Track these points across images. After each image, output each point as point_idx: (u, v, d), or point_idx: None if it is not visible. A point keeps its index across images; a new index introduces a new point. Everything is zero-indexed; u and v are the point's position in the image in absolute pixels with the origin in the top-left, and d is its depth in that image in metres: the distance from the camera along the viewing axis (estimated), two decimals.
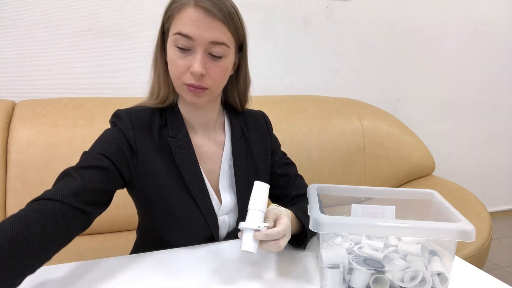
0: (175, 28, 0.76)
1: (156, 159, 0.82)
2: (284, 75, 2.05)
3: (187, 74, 0.77)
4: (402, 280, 0.69)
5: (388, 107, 2.27)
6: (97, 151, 0.78)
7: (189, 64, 0.76)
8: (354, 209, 0.80)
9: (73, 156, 1.46)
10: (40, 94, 1.64)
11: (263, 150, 0.97)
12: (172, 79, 0.81)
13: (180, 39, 0.75)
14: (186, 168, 0.83)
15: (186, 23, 0.75)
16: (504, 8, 2.41)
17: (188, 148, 0.85)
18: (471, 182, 2.46)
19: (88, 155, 0.77)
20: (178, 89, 0.81)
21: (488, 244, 1.50)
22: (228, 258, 0.81)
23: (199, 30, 0.74)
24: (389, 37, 2.21)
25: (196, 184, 0.84)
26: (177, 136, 0.84)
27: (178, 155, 0.83)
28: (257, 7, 1.91)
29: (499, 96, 2.57)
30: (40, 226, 0.63)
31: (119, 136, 0.80)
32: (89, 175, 0.73)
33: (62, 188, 0.70)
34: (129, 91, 1.75)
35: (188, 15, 0.75)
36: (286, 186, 0.97)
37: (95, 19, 1.67)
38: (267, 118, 1.03)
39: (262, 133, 0.98)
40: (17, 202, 1.39)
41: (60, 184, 0.71)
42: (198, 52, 0.76)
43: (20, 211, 0.65)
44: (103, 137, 0.81)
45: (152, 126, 0.84)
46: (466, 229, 0.65)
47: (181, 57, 0.77)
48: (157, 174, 0.82)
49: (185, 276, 0.74)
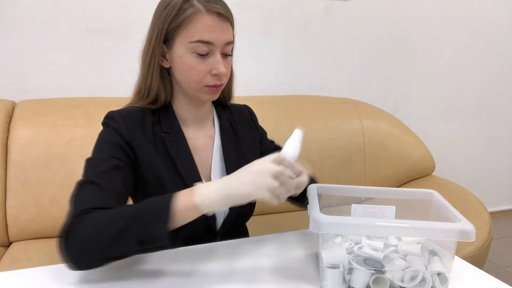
0: (192, 36, 0.78)
1: (152, 153, 0.84)
2: (284, 75, 2.05)
3: (207, 76, 0.81)
4: (402, 280, 0.69)
5: (388, 107, 2.27)
6: (104, 154, 0.79)
7: (209, 68, 0.81)
8: (354, 209, 0.80)
9: (73, 156, 1.48)
10: (40, 94, 1.64)
11: (252, 140, 1.00)
12: (191, 83, 0.83)
13: (200, 46, 0.79)
14: (181, 161, 0.86)
15: (205, 30, 0.78)
16: (504, 8, 2.41)
17: (182, 142, 0.87)
18: (471, 182, 2.45)
19: (97, 160, 0.79)
20: (195, 91, 0.84)
21: (488, 244, 1.50)
22: (227, 257, 0.81)
23: (217, 34, 0.79)
24: (389, 37, 2.21)
25: (191, 177, 0.86)
26: (171, 132, 0.87)
27: (173, 149, 0.86)
28: (257, 7, 1.91)
29: (499, 96, 2.57)
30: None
31: (115, 135, 0.82)
32: (112, 178, 0.76)
33: (99, 196, 0.72)
34: (129, 91, 1.71)
35: (204, 22, 0.78)
36: None
37: (95, 19, 1.67)
38: (251, 110, 1.06)
39: (248, 125, 1.02)
40: (17, 202, 1.39)
41: (92, 193, 0.73)
42: (217, 55, 0.81)
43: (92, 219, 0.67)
44: (102, 140, 0.82)
45: (144, 123, 0.86)
46: (466, 229, 0.65)
47: (200, 62, 0.80)
48: (154, 168, 0.84)
49: (184, 275, 0.74)
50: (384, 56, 2.22)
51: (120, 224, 0.65)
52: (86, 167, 0.79)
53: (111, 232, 0.65)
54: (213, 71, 0.81)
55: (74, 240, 0.66)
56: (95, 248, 0.66)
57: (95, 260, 0.68)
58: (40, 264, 0.77)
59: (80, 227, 0.66)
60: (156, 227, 0.64)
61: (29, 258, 1.29)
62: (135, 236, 0.65)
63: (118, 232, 0.65)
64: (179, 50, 0.81)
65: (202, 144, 0.92)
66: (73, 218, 0.68)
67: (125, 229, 0.65)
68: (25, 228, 1.41)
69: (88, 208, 0.69)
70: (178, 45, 0.81)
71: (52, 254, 1.32)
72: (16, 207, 1.39)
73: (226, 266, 0.78)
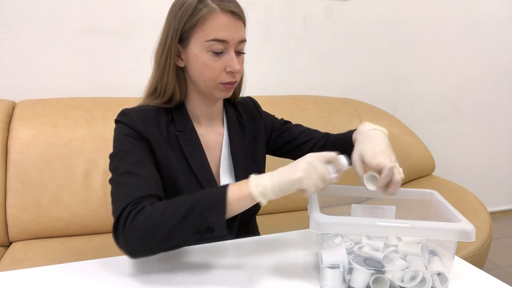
0: (208, 35, 0.80)
1: (167, 150, 0.86)
2: (284, 75, 2.05)
3: (222, 74, 0.83)
4: (402, 280, 0.69)
5: (388, 107, 2.27)
6: (128, 145, 0.81)
7: (224, 65, 0.82)
8: (354, 209, 0.80)
9: (73, 156, 1.48)
10: (40, 94, 1.64)
11: (257, 131, 1.02)
12: (206, 81, 0.84)
13: (216, 44, 0.80)
14: (194, 159, 0.88)
15: (220, 29, 0.80)
16: (504, 8, 2.41)
17: (196, 140, 0.89)
18: (471, 182, 2.45)
19: (125, 152, 0.80)
20: (210, 89, 0.85)
21: (488, 244, 1.50)
22: (227, 257, 0.81)
23: (231, 32, 0.81)
24: (389, 37, 2.21)
25: (204, 173, 0.88)
26: (184, 130, 0.89)
27: (186, 147, 0.88)
28: (257, 7, 1.91)
29: (499, 96, 2.57)
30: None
31: (131, 131, 0.83)
32: (146, 165, 0.79)
33: (142, 185, 0.75)
34: (129, 91, 1.75)
35: (219, 21, 0.80)
36: (294, 136, 1.04)
37: (95, 19, 1.67)
38: (254, 100, 1.08)
39: (253, 115, 1.03)
40: (17, 202, 1.39)
41: (134, 183, 0.75)
42: (231, 52, 0.82)
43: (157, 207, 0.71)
44: (122, 134, 0.83)
45: (159, 121, 0.87)
46: (466, 229, 0.65)
47: (216, 60, 0.82)
48: (169, 164, 0.86)
49: (185, 275, 0.74)
50: (384, 56, 2.22)
51: (178, 215, 0.68)
52: (114, 161, 0.80)
53: (170, 224, 0.68)
54: (227, 69, 0.83)
55: (133, 233, 0.69)
56: (154, 240, 0.68)
57: (154, 250, 0.71)
58: (40, 264, 0.77)
59: (137, 220, 0.69)
60: (214, 217, 0.67)
61: (29, 258, 1.29)
62: (193, 227, 0.68)
63: (177, 223, 0.68)
64: (194, 49, 0.82)
65: (212, 141, 0.94)
66: (125, 211, 0.70)
67: (183, 220, 0.68)
68: (25, 228, 1.41)
69: (137, 198, 0.72)
70: (193, 44, 0.82)
71: (52, 254, 1.32)
72: (16, 207, 1.39)
73: (226, 266, 0.78)
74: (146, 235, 0.68)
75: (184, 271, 0.76)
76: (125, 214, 0.70)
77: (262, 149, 1.02)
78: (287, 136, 1.04)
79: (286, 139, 1.04)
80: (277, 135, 1.05)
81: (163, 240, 0.69)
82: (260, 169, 1.01)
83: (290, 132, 1.04)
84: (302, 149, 1.02)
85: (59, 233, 1.44)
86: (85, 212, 1.44)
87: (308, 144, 1.02)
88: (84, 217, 1.44)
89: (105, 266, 0.77)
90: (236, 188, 0.70)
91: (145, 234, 0.68)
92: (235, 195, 0.69)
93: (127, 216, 0.69)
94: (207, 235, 0.68)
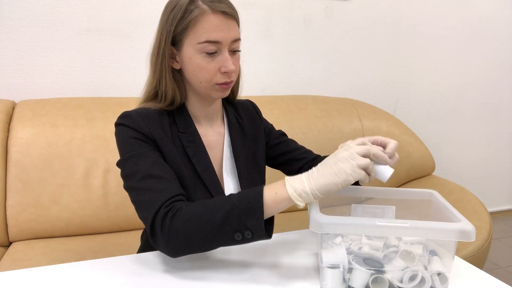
0: (200, 37, 0.80)
1: (171, 149, 0.85)
2: (284, 75, 2.05)
3: (217, 74, 0.83)
4: (401, 280, 0.69)
5: (388, 107, 2.27)
6: (137, 148, 0.80)
7: (218, 66, 0.82)
8: (354, 209, 0.80)
9: (73, 156, 1.48)
10: (40, 94, 1.64)
11: (258, 134, 1.02)
12: (202, 82, 0.84)
13: (208, 45, 0.80)
14: (198, 160, 0.88)
15: (212, 30, 0.79)
16: (504, 8, 2.41)
17: (198, 141, 0.89)
18: (471, 182, 2.46)
19: (136, 156, 0.79)
20: (207, 90, 0.85)
21: (488, 244, 1.50)
22: (227, 257, 0.81)
23: (224, 33, 0.80)
24: (389, 37, 2.21)
25: (208, 174, 0.88)
26: (187, 132, 0.89)
27: (189, 148, 0.87)
28: (257, 7, 1.91)
29: (499, 96, 2.57)
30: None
31: (137, 134, 0.82)
32: (162, 165, 0.79)
33: (166, 186, 0.76)
34: (129, 91, 1.75)
35: (210, 22, 0.79)
36: (291, 149, 1.04)
37: (95, 19, 1.67)
38: (255, 104, 1.08)
39: (253, 119, 1.03)
40: (17, 202, 1.39)
41: (158, 185, 0.75)
42: (225, 53, 0.82)
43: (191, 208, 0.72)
44: (127, 137, 0.82)
45: (162, 122, 0.86)
46: (466, 229, 0.65)
47: (210, 61, 0.82)
48: (176, 165, 0.85)
49: (185, 275, 0.74)
50: (384, 56, 2.22)
51: (216, 219, 0.69)
52: (128, 166, 0.79)
53: (209, 227, 0.69)
54: (222, 69, 0.82)
55: (173, 237, 0.70)
56: (195, 244, 0.70)
57: (194, 251, 0.73)
58: (40, 264, 0.77)
59: (176, 224, 0.70)
60: (252, 220, 0.68)
61: (29, 258, 1.29)
62: (232, 231, 0.69)
63: (216, 227, 0.69)
64: (188, 51, 0.82)
65: (213, 141, 0.93)
66: (159, 214, 0.71)
67: (222, 224, 0.69)
68: (25, 228, 1.41)
69: (166, 200, 0.72)
70: (186, 46, 0.82)
71: (52, 254, 1.32)
72: (16, 207, 1.39)
73: (226, 266, 0.78)
74: (186, 239, 0.70)
75: (184, 271, 0.76)
76: (160, 217, 0.70)
77: (263, 151, 1.02)
78: (284, 147, 1.04)
79: (283, 150, 1.04)
80: (274, 144, 1.04)
81: (203, 244, 0.71)
82: (262, 171, 1.00)
83: (288, 145, 1.05)
84: (294, 165, 1.03)
85: (59, 233, 1.44)
86: (85, 212, 1.44)
87: (300, 163, 1.02)
88: (84, 217, 1.44)
89: (105, 266, 0.77)
90: (272, 192, 0.70)
91: (186, 238, 0.69)
92: (271, 198, 0.70)
93: (163, 220, 0.70)
94: (246, 239, 0.69)
